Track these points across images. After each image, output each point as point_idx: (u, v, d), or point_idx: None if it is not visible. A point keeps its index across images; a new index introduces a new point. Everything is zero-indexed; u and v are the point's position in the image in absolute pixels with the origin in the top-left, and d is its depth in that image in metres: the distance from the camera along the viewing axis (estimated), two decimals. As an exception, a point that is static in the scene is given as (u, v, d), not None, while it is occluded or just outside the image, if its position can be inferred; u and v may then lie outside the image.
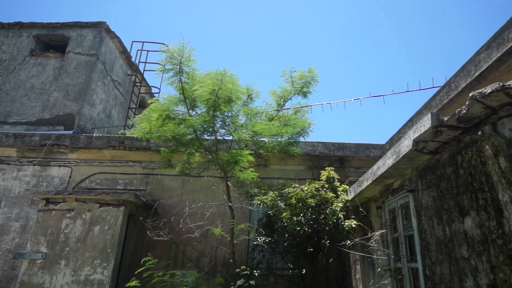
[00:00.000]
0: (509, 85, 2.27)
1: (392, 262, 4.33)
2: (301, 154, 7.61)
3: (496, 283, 2.46)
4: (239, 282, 5.76)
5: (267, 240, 6.53)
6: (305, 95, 7.01)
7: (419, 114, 6.81)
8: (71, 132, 9.48)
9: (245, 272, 6.05)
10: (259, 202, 6.62)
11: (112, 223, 6.68)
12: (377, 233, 4.32)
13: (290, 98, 7.12)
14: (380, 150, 8.54)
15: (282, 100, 7.14)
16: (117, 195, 6.80)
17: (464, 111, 2.60)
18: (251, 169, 6.00)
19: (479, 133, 2.70)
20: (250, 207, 7.36)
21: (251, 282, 5.84)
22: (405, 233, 4.10)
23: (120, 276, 6.79)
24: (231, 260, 6.40)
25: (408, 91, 7.31)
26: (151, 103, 5.96)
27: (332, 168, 6.56)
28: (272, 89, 7.14)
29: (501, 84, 2.28)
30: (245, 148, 6.11)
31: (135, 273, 5.67)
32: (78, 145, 8.25)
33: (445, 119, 2.85)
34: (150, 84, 13.38)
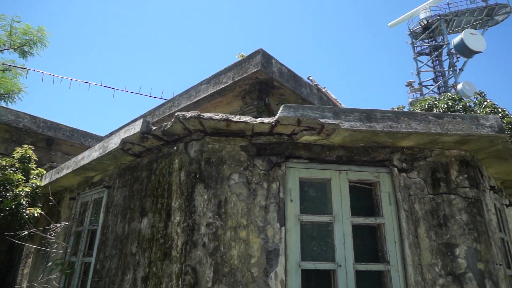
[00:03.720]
0: (203, 116, 2.82)
1: (68, 256, 4.16)
2: (-4, 121, 6.12)
3: (148, 276, 2.86)
4: None
5: None
6: (24, 55, 5.80)
7: (143, 117, 7.20)
8: None
9: None
10: None
11: None
12: (59, 225, 4.04)
13: (1, 51, 5.66)
14: (97, 142, 8.26)
15: (-11, 48, 5.57)
16: None
17: (169, 126, 2.96)
18: None
19: (175, 148, 3.15)
20: None
21: None
22: (90, 227, 4.07)
23: None
24: None
25: (139, 94, 7.61)
26: None
27: (33, 148, 5.67)
28: (-22, 28, 5.46)
29: (198, 113, 2.80)
30: None
31: None
32: None
33: (154, 128, 3.14)
34: None
